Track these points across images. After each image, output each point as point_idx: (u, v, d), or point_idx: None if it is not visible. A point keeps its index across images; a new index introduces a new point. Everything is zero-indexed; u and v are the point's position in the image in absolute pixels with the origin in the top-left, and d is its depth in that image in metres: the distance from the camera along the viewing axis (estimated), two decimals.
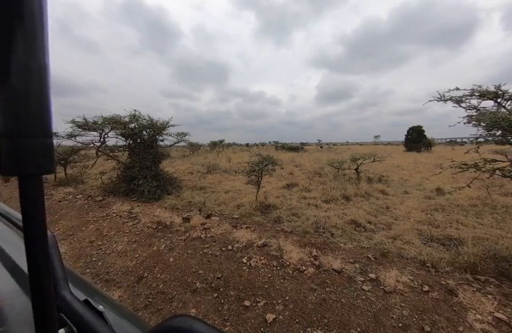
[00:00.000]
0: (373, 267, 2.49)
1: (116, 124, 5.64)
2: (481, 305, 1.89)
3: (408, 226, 3.56)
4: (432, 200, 5.00)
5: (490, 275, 2.29)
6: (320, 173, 8.57)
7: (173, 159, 16.07)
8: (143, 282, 2.35)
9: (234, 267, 2.53)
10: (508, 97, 2.85)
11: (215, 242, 3.13)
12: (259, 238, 3.21)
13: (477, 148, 3.02)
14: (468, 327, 1.71)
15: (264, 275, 2.38)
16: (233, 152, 24.58)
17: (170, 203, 5.02)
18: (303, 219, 3.95)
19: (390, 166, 10.73)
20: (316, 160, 13.40)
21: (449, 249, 2.82)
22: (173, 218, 4.04)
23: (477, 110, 3.12)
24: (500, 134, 2.75)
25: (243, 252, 2.85)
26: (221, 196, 5.58)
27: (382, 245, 2.98)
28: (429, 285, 2.16)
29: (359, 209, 4.46)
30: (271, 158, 4.86)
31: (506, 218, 3.83)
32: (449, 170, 3.25)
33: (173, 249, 3.00)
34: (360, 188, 6.04)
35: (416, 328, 1.71)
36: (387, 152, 13.32)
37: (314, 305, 1.97)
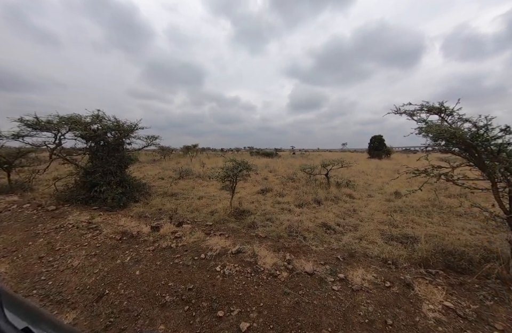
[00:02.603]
0: (342, 267, 2.63)
1: (75, 124, 5.12)
2: (433, 296, 2.12)
3: (372, 227, 3.85)
4: (392, 203, 5.51)
5: (440, 268, 2.59)
6: (294, 178, 8.85)
7: (142, 163, 15.10)
8: (103, 300, 2.11)
9: (207, 277, 2.44)
10: (449, 112, 3.35)
11: (186, 251, 2.99)
12: (233, 244, 3.16)
13: (426, 155, 3.45)
14: (423, 317, 1.89)
15: (239, 283, 2.34)
16: (208, 157, 24.09)
17: (137, 211, 4.67)
18: (277, 224, 4.01)
19: (356, 171, 11.58)
20: (290, 166, 13.83)
21: (407, 246, 3.12)
22: (140, 227, 3.76)
23: (426, 122, 3.59)
24: (444, 144, 3.20)
25: (217, 260, 2.76)
26: (194, 203, 5.39)
27: (349, 245, 3.17)
28: (390, 281, 2.35)
29: (329, 212, 4.70)
30: (245, 163, 4.89)
31: (450, 217, 4.40)
32: (405, 175, 3.65)
33: (139, 261, 2.77)
34: (330, 192, 6.39)
35: (380, 322, 1.84)
36: (353, 159, 14.41)
37: (288, 309, 1.98)
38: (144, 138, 6.61)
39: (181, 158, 21.96)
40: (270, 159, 20.25)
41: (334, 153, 38.01)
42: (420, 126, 3.32)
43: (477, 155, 2.73)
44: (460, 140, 2.70)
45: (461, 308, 1.97)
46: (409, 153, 35.15)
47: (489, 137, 2.60)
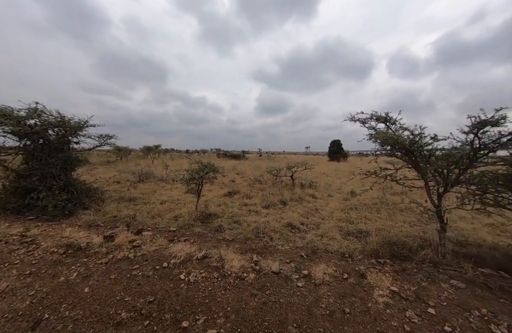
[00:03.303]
0: (305, 264, 2.77)
1: (4, 118, 4.29)
2: (382, 282, 2.39)
3: (332, 224, 4.17)
4: (348, 201, 6.07)
5: (387, 257, 2.94)
6: (260, 180, 9.01)
7: (93, 165, 13.43)
8: (41, 327, 1.79)
9: (170, 286, 2.29)
10: (392, 122, 3.87)
11: (147, 261, 2.76)
12: (199, 250, 3.04)
13: (376, 159, 3.91)
14: (374, 303, 2.11)
15: (205, 289, 2.25)
16: (172, 158, 22.79)
17: (87, 220, 4.13)
18: (244, 226, 4.01)
19: (318, 173, 12.40)
20: (257, 168, 14.05)
21: (361, 240, 3.46)
22: (90, 238, 3.33)
23: (375, 130, 4.08)
24: (389, 148, 3.67)
25: (181, 267, 2.62)
26: (156, 208, 5.03)
27: (312, 243, 3.36)
28: (347, 272, 2.57)
29: (294, 212, 4.91)
30: (212, 165, 4.78)
31: (395, 212, 5.05)
32: (359, 176, 4.06)
33: (89, 277, 2.44)
34: (295, 193, 6.69)
35: (339, 312, 1.99)
36: (315, 161, 15.46)
37: (255, 310, 1.99)
38: (96, 137, 5.91)
39: (141, 159, 20.26)
40: (237, 161, 20.23)
41: (298, 156, 40.08)
42: (370, 133, 3.75)
43: (414, 159, 3.21)
44: (401, 146, 3.14)
45: (404, 291, 2.27)
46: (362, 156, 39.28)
47: (422, 144, 3.08)
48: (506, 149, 2.74)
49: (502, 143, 2.60)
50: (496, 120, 2.53)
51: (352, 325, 1.86)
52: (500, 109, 2.50)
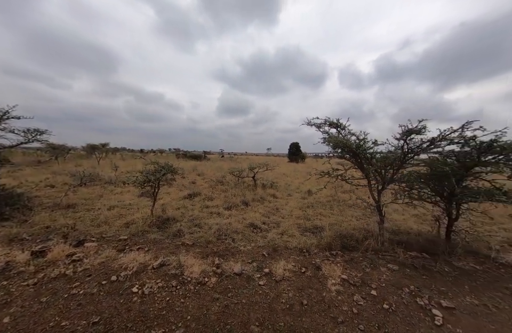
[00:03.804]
0: (267, 262, 2.84)
1: None
2: (334, 272, 2.63)
3: (291, 222, 4.40)
4: (306, 200, 6.50)
5: (338, 249, 3.25)
6: (222, 181, 8.89)
7: (18, 166, 11.07)
8: None
9: (120, 302, 2.05)
10: (343, 127, 4.32)
11: (90, 276, 2.41)
12: (155, 258, 2.81)
13: (329, 160, 4.30)
14: (328, 291, 2.31)
15: (162, 300, 2.09)
16: (123, 159, 20.52)
17: (6, 233, 3.37)
18: (205, 229, 3.89)
19: (278, 173, 12.92)
20: (219, 169, 13.80)
21: (316, 235, 3.75)
22: (13, 255, 2.73)
23: (328, 134, 4.48)
24: (340, 151, 4.08)
25: (133, 279, 2.37)
26: (102, 214, 4.44)
27: (273, 241, 3.48)
28: (305, 267, 2.74)
29: (255, 212, 5.00)
30: (170, 166, 4.49)
31: (345, 208, 5.64)
32: (314, 176, 4.40)
33: (9, 303, 2.00)
34: (257, 194, 6.82)
35: (298, 304, 2.11)
36: (276, 163, 16.11)
37: (217, 315, 1.95)
38: (22, 132, 4.90)
39: (84, 159, 17.62)
40: (198, 162, 19.50)
41: (260, 157, 41.06)
42: (324, 137, 4.10)
43: (359, 160, 3.64)
44: (349, 149, 3.52)
45: (352, 278, 2.55)
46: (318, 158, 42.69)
47: (365, 148, 3.53)
48: (426, 153, 3.37)
49: (423, 148, 3.18)
50: (419, 129, 3.08)
51: (310, 315, 1.99)
52: (422, 120, 3.05)
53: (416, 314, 2.05)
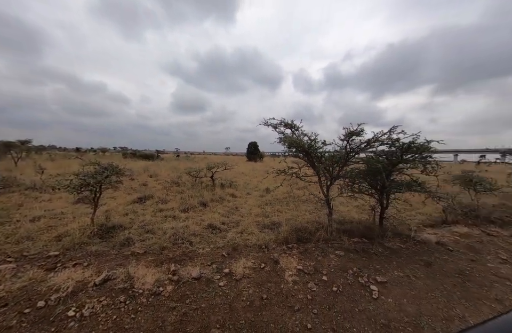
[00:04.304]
0: (227, 262, 2.82)
1: None
2: (290, 264, 2.80)
3: (250, 220, 4.47)
4: (264, 198, 6.71)
5: (294, 242, 3.47)
6: (178, 182, 8.38)
7: None
8: None
9: (51, 331, 1.71)
10: (296, 128, 4.61)
11: (6, 306, 1.93)
12: (97, 273, 2.45)
13: (285, 159, 4.53)
14: (286, 283, 2.44)
15: (107, 320, 1.84)
16: (51, 159, 17.13)
17: None
18: (159, 234, 3.60)
19: (237, 173, 12.95)
20: (174, 169, 12.96)
21: (274, 231, 3.90)
22: None
23: (284, 134, 4.72)
24: (294, 150, 4.35)
25: (68, 302, 2.02)
26: (23, 228, 3.62)
27: (233, 241, 3.47)
28: (264, 262, 2.83)
29: (214, 213, 4.90)
30: (115, 167, 3.98)
31: (299, 204, 6.05)
32: (272, 175, 4.57)
33: None
34: (215, 194, 6.69)
35: (258, 300, 2.16)
36: (235, 162, 16.06)
37: (174, 325, 1.83)
38: None
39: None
40: (150, 162, 17.87)
41: (218, 157, 40.32)
42: (280, 137, 4.29)
43: (311, 159, 3.95)
44: (302, 148, 3.78)
45: (306, 267, 2.75)
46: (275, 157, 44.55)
47: (316, 147, 3.86)
48: (364, 152, 3.90)
49: (361, 148, 3.66)
50: (358, 132, 3.54)
51: (269, 308, 2.06)
52: (360, 124, 3.52)
53: (358, 291, 2.36)
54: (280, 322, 1.91)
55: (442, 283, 2.55)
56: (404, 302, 2.21)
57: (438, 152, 4.00)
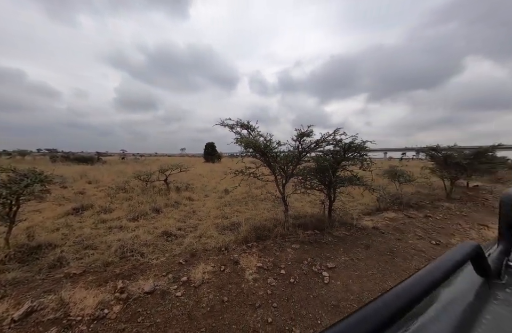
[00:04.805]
0: (184, 270, 2.67)
1: None
2: (250, 263, 2.84)
3: (209, 223, 4.35)
4: (223, 199, 6.62)
5: (254, 240, 3.53)
6: (125, 188, 7.50)
7: None
8: None
9: None
10: (253, 129, 4.70)
11: None
12: (16, 306, 1.99)
13: (242, 159, 4.57)
14: (246, 282, 2.46)
15: None
16: None
17: None
18: (102, 249, 3.15)
19: (194, 175, 12.40)
20: (120, 174, 11.54)
21: (234, 232, 3.90)
22: None
23: (240, 135, 4.74)
24: (251, 151, 4.42)
25: None
26: None
27: (191, 246, 3.31)
28: (224, 264, 2.79)
29: (169, 219, 4.57)
30: (39, 174, 3.29)
31: (258, 203, 6.19)
32: (230, 175, 4.55)
33: None
34: (170, 198, 6.25)
35: (218, 304, 2.12)
36: (191, 163, 15.31)
37: None
38: None
39: None
40: (89, 167, 15.46)
41: (173, 158, 37.79)
42: (236, 137, 4.31)
43: (267, 159, 4.10)
44: (258, 149, 3.89)
45: (265, 263, 2.84)
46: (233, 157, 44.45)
47: (272, 147, 4.02)
48: (313, 151, 4.26)
49: (311, 147, 3.99)
50: (308, 133, 3.84)
51: (231, 310, 2.05)
52: (310, 126, 3.83)
53: (312, 279, 2.56)
54: (242, 322, 1.92)
55: (378, 261, 3.00)
56: (349, 283, 2.51)
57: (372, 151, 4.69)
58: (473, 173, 8.26)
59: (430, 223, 4.81)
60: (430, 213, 5.47)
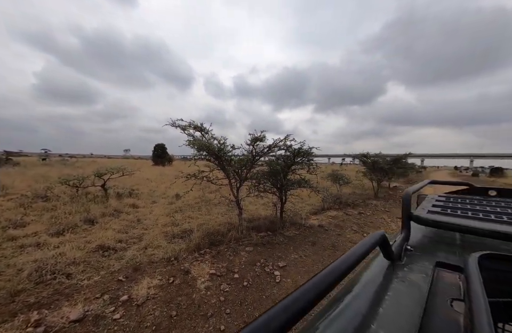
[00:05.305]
0: (125, 287, 2.35)
1: None
2: (203, 270, 2.72)
3: (157, 232, 3.98)
4: (173, 205, 6.17)
5: (207, 247, 3.41)
6: (47, 196, 6.16)
7: None
8: None
9: None
10: (206, 131, 4.57)
11: None
12: None
13: (195, 162, 4.38)
14: (198, 291, 2.34)
15: None
16: None
17: None
18: (9, 274, 2.48)
19: (140, 179, 11.19)
20: (40, 178, 9.41)
21: (185, 239, 3.67)
22: None
23: (193, 137, 4.55)
24: (205, 154, 4.29)
25: None
26: None
27: (134, 260, 2.95)
28: (173, 275, 2.59)
29: (107, 230, 3.97)
30: None
31: (212, 207, 6.02)
32: (181, 179, 4.29)
33: None
34: (109, 206, 5.45)
35: (166, 319, 1.94)
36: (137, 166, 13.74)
37: None
38: None
39: None
40: None
41: (114, 160, 33.23)
42: (189, 139, 4.12)
43: (221, 162, 4.05)
44: (212, 152, 3.81)
45: (219, 269, 2.77)
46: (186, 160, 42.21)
47: (226, 151, 4.00)
48: (266, 156, 4.44)
49: (265, 152, 4.16)
50: (261, 138, 3.99)
51: (180, 325, 1.90)
52: (263, 131, 3.98)
53: (265, 280, 2.63)
54: None
55: (322, 256, 3.32)
56: (298, 279, 2.68)
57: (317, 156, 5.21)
58: (393, 176, 10.14)
59: (363, 218, 5.63)
60: (362, 210, 6.41)
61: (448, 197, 0.97)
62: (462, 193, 1.14)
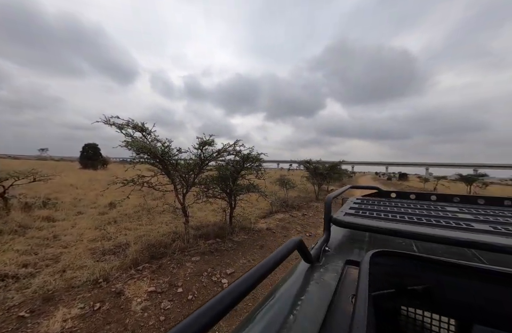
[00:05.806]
0: (28, 325, 1.84)
1: None
2: (140, 289, 2.41)
3: (81, 249, 3.32)
4: (106, 215, 5.31)
5: (146, 261, 3.04)
6: None
7: None
8: None
9: None
10: (148, 132, 4.15)
11: None
12: None
13: (133, 166, 3.90)
14: (132, 314, 2.05)
15: None
16: None
17: None
18: None
19: (61, 185, 9.20)
20: None
21: (119, 255, 3.19)
22: None
23: (132, 137, 4.06)
24: (146, 157, 3.88)
25: None
26: None
27: (45, 287, 2.36)
28: (100, 300, 2.19)
29: (5, 252, 3.07)
30: None
31: (155, 216, 5.46)
32: (117, 185, 3.74)
33: None
34: (9, 221, 4.25)
35: None
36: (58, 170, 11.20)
37: None
38: None
39: None
40: None
41: (24, 162, 26.33)
42: (126, 140, 3.67)
43: (165, 166, 3.75)
44: (154, 155, 3.49)
45: (159, 285, 2.51)
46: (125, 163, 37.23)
47: (171, 154, 3.73)
48: (215, 160, 4.36)
49: (214, 156, 4.07)
50: (210, 142, 3.91)
51: None
52: (211, 135, 3.91)
53: (212, 290, 2.53)
54: None
55: None
56: None
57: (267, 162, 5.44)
58: (330, 180, 11.56)
59: (306, 219, 6.15)
60: (306, 212, 7.01)
61: (363, 200, 1.17)
62: (374, 196, 1.39)
